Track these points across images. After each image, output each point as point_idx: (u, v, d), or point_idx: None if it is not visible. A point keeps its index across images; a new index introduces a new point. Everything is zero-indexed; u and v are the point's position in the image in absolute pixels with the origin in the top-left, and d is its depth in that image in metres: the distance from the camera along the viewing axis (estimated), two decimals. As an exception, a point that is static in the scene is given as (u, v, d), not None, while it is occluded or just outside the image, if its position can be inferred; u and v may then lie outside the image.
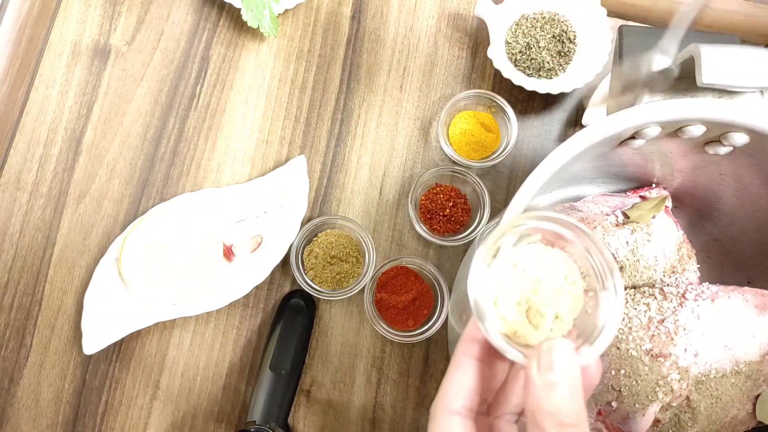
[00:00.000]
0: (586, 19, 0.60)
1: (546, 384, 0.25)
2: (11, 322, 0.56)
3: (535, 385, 0.25)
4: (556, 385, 0.25)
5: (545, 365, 0.25)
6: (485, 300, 0.27)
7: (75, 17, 0.62)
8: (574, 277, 0.28)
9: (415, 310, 0.55)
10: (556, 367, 0.25)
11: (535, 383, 0.25)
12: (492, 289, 0.28)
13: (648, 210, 0.47)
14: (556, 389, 0.24)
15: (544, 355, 0.25)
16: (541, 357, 0.25)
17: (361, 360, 0.56)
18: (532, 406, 0.25)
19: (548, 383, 0.25)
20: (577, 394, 0.25)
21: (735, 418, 0.44)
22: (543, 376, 0.25)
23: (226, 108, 0.61)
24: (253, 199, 0.57)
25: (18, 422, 0.54)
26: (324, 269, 0.56)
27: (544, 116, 0.62)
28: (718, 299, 0.43)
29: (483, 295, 0.27)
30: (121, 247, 0.55)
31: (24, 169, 0.59)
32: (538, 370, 0.25)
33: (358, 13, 0.64)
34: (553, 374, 0.25)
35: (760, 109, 0.35)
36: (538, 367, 0.25)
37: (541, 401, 0.24)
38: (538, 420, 0.24)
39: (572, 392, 0.25)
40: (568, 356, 0.25)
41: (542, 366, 0.25)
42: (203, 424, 0.55)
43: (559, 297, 0.28)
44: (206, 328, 0.56)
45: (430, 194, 0.58)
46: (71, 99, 0.60)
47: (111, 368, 0.55)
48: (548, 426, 0.24)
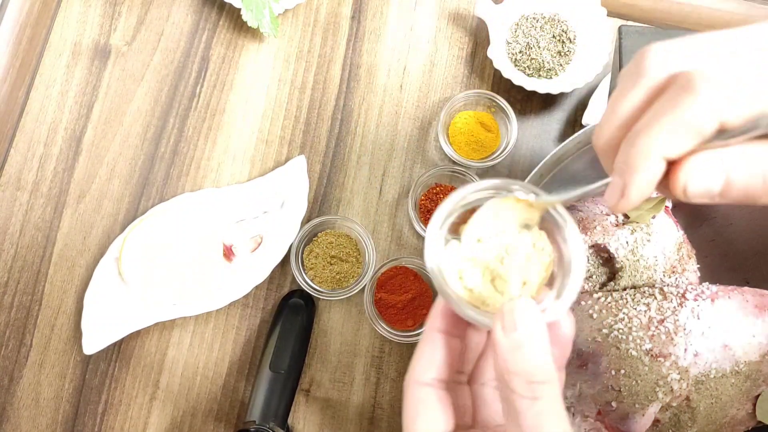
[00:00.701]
0: (586, 19, 0.60)
1: (511, 343, 0.25)
2: (11, 321, 0.56)
3: (501, 345, 0.25)
4: (522, 344, 0.24)
5: (508, 325, 0.25)
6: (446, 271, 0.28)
7: (75, 17, 0.62)
8: (542, 243, 0.28)
9: (415, 309, 0.55)
10: (519, 325, 0.25)
11: (501, 344, 0.25)
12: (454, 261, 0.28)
13: (648, 210, 0.47)
14: (521, 348, 0.24)
15: (507, 315, 0.25)
16: (504, 317, 0.25)
17: (360, 359, 0.56)
18: (500, 367, 0.25)
19: (513, 342, 0.25)
20: (543, 350, 0.25)
21: (735, 418, 0.44)
22: (507, 336, 0.25)
23: (226, 108, 0.61)
24: (253, 199, 0.57)
25: (18, 421, 0.54)
26: (324, 269, 0.56)
27: (543, 116, 0.62)
28: (718, 299, 0.43)
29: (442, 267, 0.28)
30: (121, 246, 0.55)
31: (24, 169, 0.59)
32: (502, 330, 0.25)
33: (357, 13, 0.64)
34: (517, 333, 0.25)
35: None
36: (502, 328, 0.25)
37: (508, 361, 0.24)
38: (507, 381, 0.24)
39: (538, 349, 0.25)
40: (530, 314, 0.25)
41: (506, 326, 0.25)
42: (203, 424, 0.55)
43: (527, 264, 0.28)
44: (206, 328, 0.56)
45: (429, 194, 0.58)
46: (71, 99, 0.61)
47: (111, 367, 0.55)
48: (518, 386, 0.24)
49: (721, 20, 0.63)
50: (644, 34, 0.45)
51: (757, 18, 0.63)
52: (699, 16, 0.63)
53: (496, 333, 0.25)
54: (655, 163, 0.23)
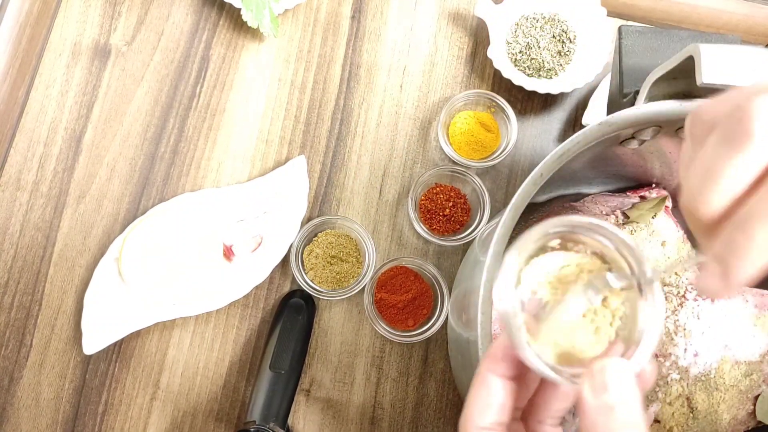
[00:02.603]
0: (586, 19, 0.60)
1: (602, 407, 0.23)
2: (11, 321, 0.56)
3: (590, 408, 0.23)
4: (614, 407, 0.23)
5: (599, 387, 0.23)
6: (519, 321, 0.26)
7: (75, 17, 0.62)
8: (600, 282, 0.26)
9: (415, 309, 0.55)
10: (611, 387, 0.23)
11: (590, 406, 0.23)
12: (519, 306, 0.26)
13: (648, 210, 0.47)
14: (613, 411, 0.23)
15: (597, 376, 0.24)
16: (594, 378, 0.24)
17: (360, 359, 0.56)
18: (588, 428, 0.23)
19: (605, 406, 0.23)
20: (636, 412, 0.23)
21: (735, 418, 0.44)
22: (598, 399, 0.23)
23: (226, 108, 0.61)
24: (253, 199, 0.57)
25: (18, 421, 0.54)
26: (324, 269, 0.56)
27: (543, 116, 0.62)
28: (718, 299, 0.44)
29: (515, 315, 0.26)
30: (121, 246, 0.55)
31: (24, 169, 0.59)
32: (592, 392, 0.23)
33: (357, 13, 0.64)
34: (609, 395, 0.23)
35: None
36: (591, 389, 0.24)
37: (599, 425, 0.23)
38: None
39: (631, 410, 0.23)
40: (622, 374, 0.24)
41: (596, 388, 0.23)
42: (203, 424, 0.55)
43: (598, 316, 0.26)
44: (206, 328, 0.56)
45: (429, 194, 0.58)
46: (71, 99, 0.60)
47: (111, 368, 0.55)
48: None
49: (720, 20, 0.63)
50: (644, 34, 0.45)
51: (758, 18, 0.63)
52: (699, 16, 0.63)
53: (585, 395, 0.24)
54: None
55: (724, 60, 0.33)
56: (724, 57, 0.33)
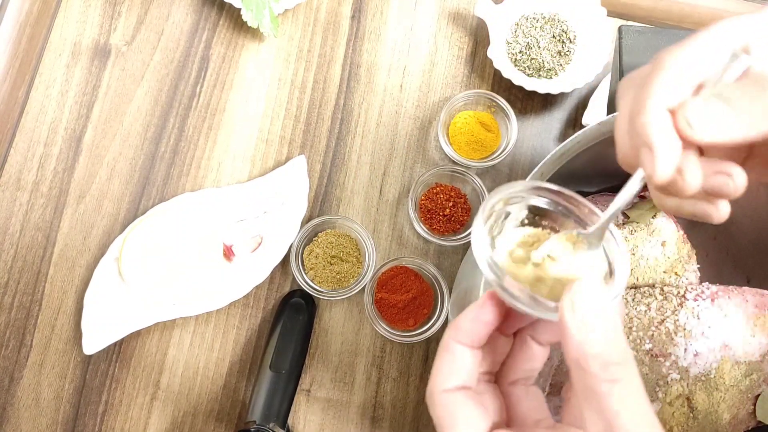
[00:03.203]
0: (586, 19, 0.60)
1: (583, 325, 0.23)
2: (11, 321, 0.56)
3: (572, 329, 0.23)
4: (594, 325, 0.23)
5: (578, 307, 0.24)
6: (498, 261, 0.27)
7: (75, 17, 0.62)
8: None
9: (415, 309, 0.55)
10: (591, 306, 0.24)
11: (571, 327, 0.23)
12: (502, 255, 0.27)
13: (648, 210, 0.47)
14: (594, 329, 0.23)
15: (576, 296, 0.24)
16: (573, 299, 0.24)
17: (361, 359, 0.56)
18: (573, 353, 0.23)
19: (585, 324, 0.23)
20: (617, 329, 0.23)
21: (735, 417, 0.44)
22: (578, 319, 0.23)
23: (226, 107, 0.61)
24: (253, 198, 0.57)
25: (18, 421, 0.54)
26: (324, 269, 0.56)
27: (543, 116, 0.62)
28: (717, 299, 0.44)
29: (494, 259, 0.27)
30: (121, 246, 0.55)
31: (24, 169, 0.59)
32: (572, 312, 0.24)
33: (357, 13, 0.64)
34: (589, 314, 0.23)
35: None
36: (571, 310, 0.24)
37: (583, 344, 0.23)
38: (583, 365, 0.23)
39: (612, 328, 0.23)
40: (598, 292, 0.24)
41: (576, 308, 0.24)
42: (203, 424, 0.55)
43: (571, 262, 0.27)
44: (206, 328, 0.56)
45: (430, 194, 0.58)
46: (71, 99, 0.60)
47: (111, 368, 0.55)
48: (594, 368, 0.23)
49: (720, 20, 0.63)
50: (644, 34, 0.45)
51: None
52: (699, 16, 0.64)
53: (566, 316, 0.24)
54: (661, 113, 0.24)
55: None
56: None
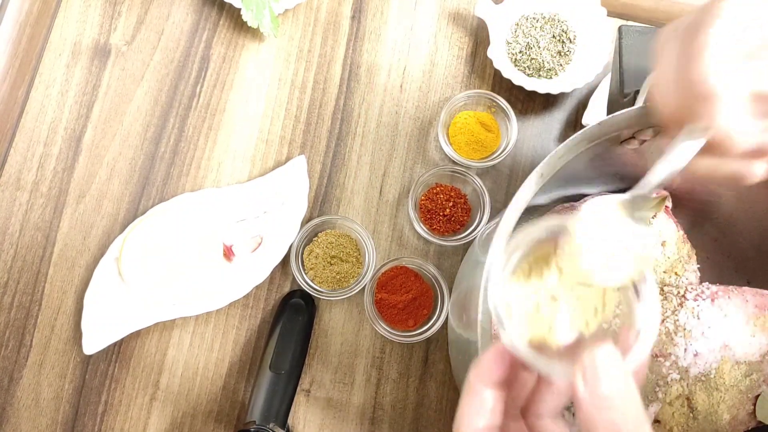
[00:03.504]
0: (586, 19, 0.60)
1: (597, 399, 0.22)
2: (11, 321, 0.56)
3: (584, 402, 0.22)
4: (609, 399, 0.22)
5: (591, 379, 0.22)
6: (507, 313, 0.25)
7: (75, 17, 0.62)
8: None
9: (415, 309, 0.55)
10: (604, 378, 0.22)
11: (584, 400, 0.22)
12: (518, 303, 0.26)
13: (648, 210, 0.47)
14: (609, 402, 0.22)
15: (589, 368, 0.22)
16: (586, 371, 0.22)
17: (360, 360, 0.56)
18: (587, 423, 0.22)
19: (599, 398, 0.22)
20: (632, 400, 0.22)
21: (735, 418, 0.44)
22: (592, 392, 0.22)
23: (226, 107, 0.61)
24: (253, 198, 0.57)
25: (18, 421, 0.54)
26: (324, 269, 0.56)
27: (544, 116, 0.62)
28: (717, 299, 0.44)
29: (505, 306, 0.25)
30: (121, 246, 0.55)
31: (24, 169, 0.59)
32: (585, 386, 0.22)
33: (358, 13, 0.64)
34: (603, 387, 0.22)
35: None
36: (583, 380, 0.22)
37: (596, 418, 0.22)
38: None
39: (627, 400, 0.22)
40: (614, 364, 0.22)
41: (588, 381, 0.22)
42: (203, 424, 0.55)
43: (582, 300, 0.26)
44: (206, 328, 0.56)
45: (430, 194, 0.58)
46: (71, 98, 0.60)
47: (111, 368, 0.55)
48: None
49: (721, 20, 0.63)
50: (644, 34, 0.45)
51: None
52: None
53: (578, 387, 0.22)
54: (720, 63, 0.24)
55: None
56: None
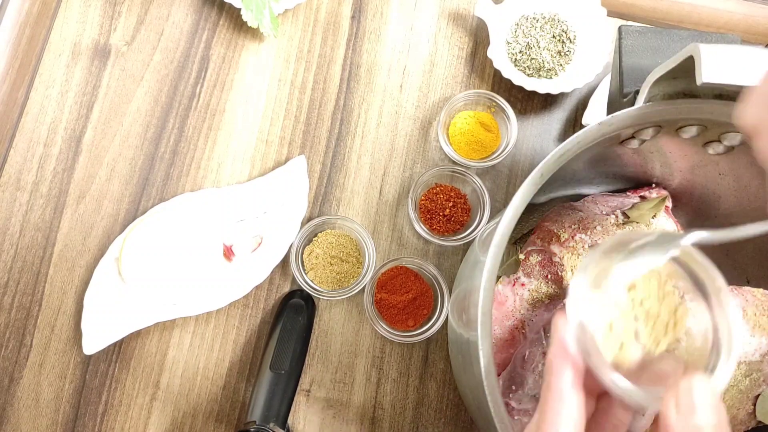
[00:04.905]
0: (586, 19, 0.60)
1: (691, 429, 0.22)
2: (11, 321, 0.56)
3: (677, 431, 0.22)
4: (703, 429, 0.21)
5: (686, 408, 0.22)
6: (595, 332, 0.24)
7: (75, 17, 0.62)
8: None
9: (415, 309, 0.55)
10: (699, 408, 0.22)
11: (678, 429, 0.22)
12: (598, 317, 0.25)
13: (648, 210, 0.47)
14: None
15: (684, 397, 0.22)
16: (680, 398, 0.22)
17: (360, 360, 0.56)
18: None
19: (694, 428, 0.21)
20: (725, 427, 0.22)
21: (735, 418, 0.44)
22: (686, 421, 0.22)
23: (226, 108, 0.61)
24: (253, 198, 0.57)
25: (18, 422, 0.54)
26: (324, 269, 0.56)
27: (543, 116, 0.62)
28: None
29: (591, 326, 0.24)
30: (121, 246, 0.55)
31: (24, 169, 0.59)
32: (677, 413, 0.22)
33: (357, 13, 0.64)
34: (697, 417, 0.22)
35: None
36: (676, 409, 0.22)
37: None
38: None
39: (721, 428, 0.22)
40: (709, 394, 0.22)
41: (682, 409, 0.22)
42: (203, 424, 0.55)
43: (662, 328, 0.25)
44: (206, 328, 0.56)
45: (430, 194, 0.58)
46: (71, 99, 0.60)
47: (111, 368, 0.55)
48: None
49: (720, 20, 0.63)
50: (644, 34, 0.45)
51: (757, 18, 0.63)
52: (699, 16, 0.63)
53: (671, 417, 0.22)
54: None
55: (723, 60, 0.33)
56: (723, 57, 0.33)
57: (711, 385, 0.23)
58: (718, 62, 0.33)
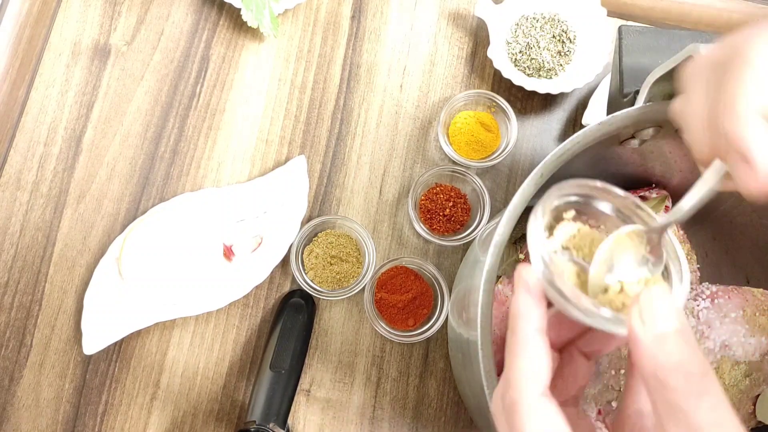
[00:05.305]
0: (586, 19, 0.60)
1: (658, 338, 0.22)
2: (11, 321, 0.56)
3: (645, 342, 0.22)
4: (669, 335, 0.22)
5: (649, 317, 0.22)
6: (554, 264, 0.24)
7: (75, 17, 0.62)
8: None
9: (415, 309, 0.55)
10: (662, 315, 0.22)
11: (644, 341, 0.22)
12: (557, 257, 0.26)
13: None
14: (670, 340, 0.21)
15: (646, 307, 0.22)
16: (643, 309, 0.22)
17: (360, 359, 0.56)
18: (649, 367, 0.22)
19: (660, 336, 0.22)
20: (691, 340, 0.22)
21: (734, 417, 0.44)
22: (651, 330, 0.22)
23: (226, 107, 0.61)
24: (253, 198, 0.57)
25: (18, 421, 0.54)
26: (324, 269, 0.56)
27: (543, 116, 0.62)
28: (717, 299, 0.44)
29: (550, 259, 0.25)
30: (121, 246, 0.55)
31: (24, 169, 0.59)
32: (642, 324, 0.22)
33: (357, 13, 0.64)
34: (662, 324, 0.22)
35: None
36: (641, 321, 0.22)
37: (659, 357, 0.21)
38: (662, 379, 0.21)
39: (687, 339, 0.22)
40: (671, 301, 0.22)
41: (646, 319, 0.22)
42: (203, 424, 0.55)
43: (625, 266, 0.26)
44: (206, 328, 0.56)
45: (430, 194, 0.58)
46: (71, 98, 0.60)
47: (111, 368, 0.55)
48: (677, 382, 0.21)
49: (720, 19, 0.63)
50: (644, 34, 0.45)
51: (757, 18, 0.63)
52: (699, 16, 0.63)
53: (637, 329, 0.22)
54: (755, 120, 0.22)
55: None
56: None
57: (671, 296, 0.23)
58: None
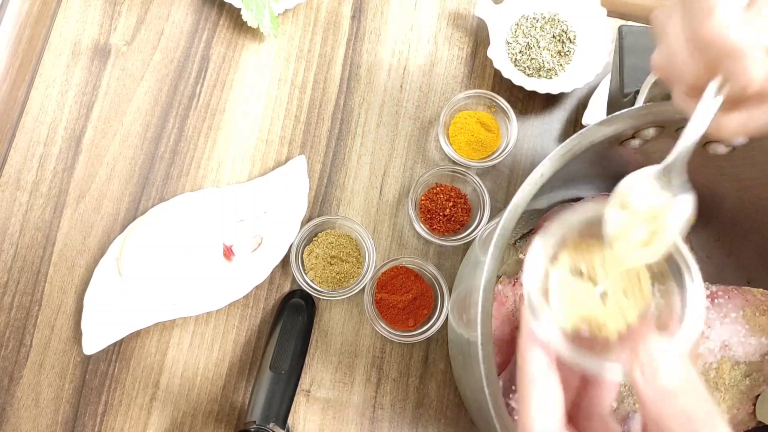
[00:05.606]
0: (586, 19, 0.60)
1: (660, 392, 0.21)
2: (11, 321, 0.56)
3: (649, 397, 0.22)
4: (671, 389, 0.21)
5: (650, 373, 0.22)
6: (548, 305, 0.25)
7: (75, 17, 0.62)
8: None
9: (415, 309, 0.55)
10: (662, 369, 0.22)
11: (648, 395, 0.22)
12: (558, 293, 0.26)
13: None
14: (673, 393, 0.21)
15: (645, 362, 0.22)
16: (643, 365, 0.22)
17: (361, 359, 0.56)
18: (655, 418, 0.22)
19: (662, 391, 0.21)
20: (696, 385, 0.21)
21: (735, 418, 0.44)
22: (652, 383, 0.22)
23: (226, 107, 0.61)
24: (253, 198, 0.57)
25: (18, 422, 0.54)
26: (324, 269, 0.56)
27: (544, 116, 0.62)
28: (717, 299, 0.44)
29: (545, 299, 0.25)
30: (121, 246, 0.55)
31: (24, 169, 0.59)
32: (644, 380, 0.22)
33: (358, 13, 0.64)
34: (663, 379, 0.22)
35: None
36: (642, 377, 0.22)
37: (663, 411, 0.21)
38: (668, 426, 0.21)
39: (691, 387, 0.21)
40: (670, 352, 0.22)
41: (647, 375, 0.22)
42: (203, 424, 0.55)
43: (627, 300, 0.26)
44: (206, 328, 0.56)
45: (430, 194, 0.58)
46: (71, 98, 0.60)
47: (111, 368, 0.55)
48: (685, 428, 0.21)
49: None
50: (644, 34, 0.45)
51: None
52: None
53: (641, 386, 0.22)
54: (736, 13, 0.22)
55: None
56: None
57: (673, 346, 0.22)
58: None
